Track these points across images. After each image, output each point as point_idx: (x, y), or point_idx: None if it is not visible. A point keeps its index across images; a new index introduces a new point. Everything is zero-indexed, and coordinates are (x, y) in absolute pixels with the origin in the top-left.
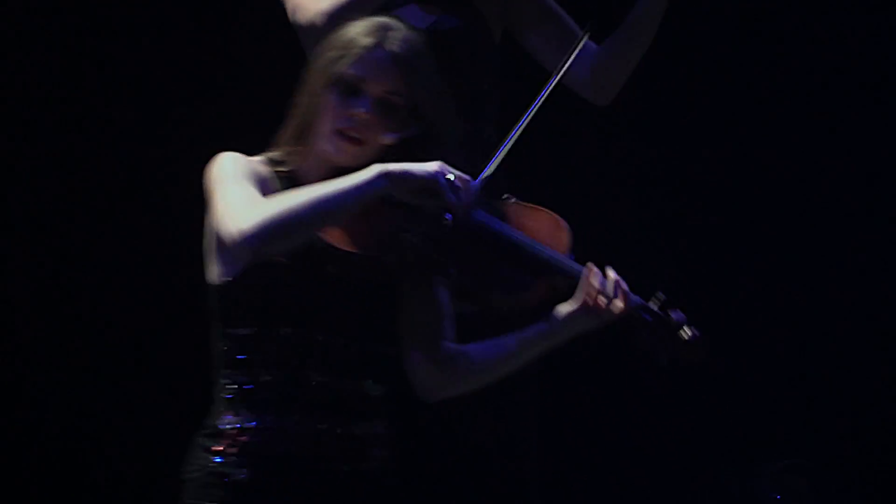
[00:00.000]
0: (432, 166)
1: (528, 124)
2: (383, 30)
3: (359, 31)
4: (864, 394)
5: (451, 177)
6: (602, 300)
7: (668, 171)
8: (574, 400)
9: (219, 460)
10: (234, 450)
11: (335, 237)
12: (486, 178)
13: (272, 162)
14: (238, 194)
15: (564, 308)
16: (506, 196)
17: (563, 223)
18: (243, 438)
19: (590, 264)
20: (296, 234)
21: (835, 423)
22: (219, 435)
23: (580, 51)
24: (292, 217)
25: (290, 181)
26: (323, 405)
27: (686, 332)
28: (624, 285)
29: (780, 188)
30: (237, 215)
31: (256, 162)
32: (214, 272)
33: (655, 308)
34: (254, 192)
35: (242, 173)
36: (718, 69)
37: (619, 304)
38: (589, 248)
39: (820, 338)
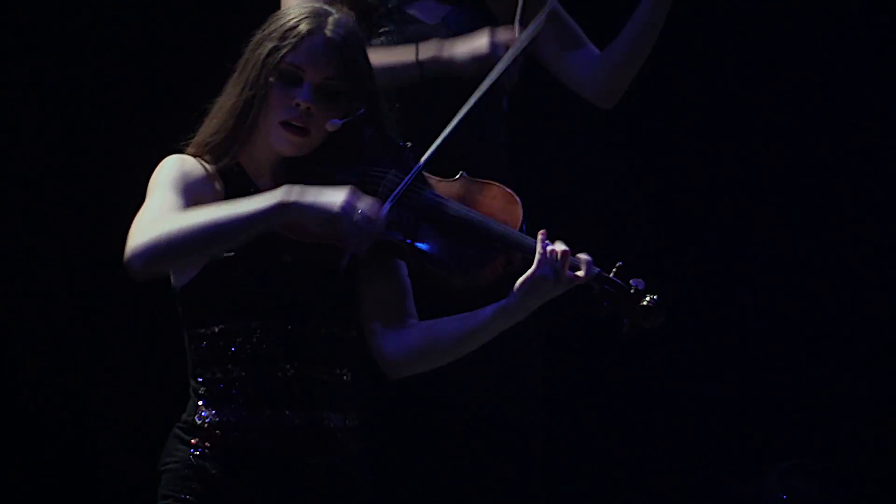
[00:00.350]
0: (339, 198)
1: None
2: (317, 16)
3: (293, 19)
4: (870, 393)
5: (359, 209)
6: (560, 271)
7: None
8: (579, 399)
9: (196, 453)
10: (210, 444)
11: (290, 228)
12: (395, 201)
13: (216, 157)
14: (152, 208)
15: (524, 280)
16: (460, 173)
17: (515, 196)
18: (219, 434)
19: (542, 233)
20: (183, 256)
21: (841, 423)
22: (196, 429)
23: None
24: (181, 240)
25: (238, 177)
26: (297, 397)
27: (646, 299)
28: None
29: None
30: (136, 232)
31: (198, 162)
32: (174, 277)
33: (614, 277)
34: (169, 205)
35: (175, 180)
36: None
37: (577, 273)
38: (565, 226)
39: (827, 337)
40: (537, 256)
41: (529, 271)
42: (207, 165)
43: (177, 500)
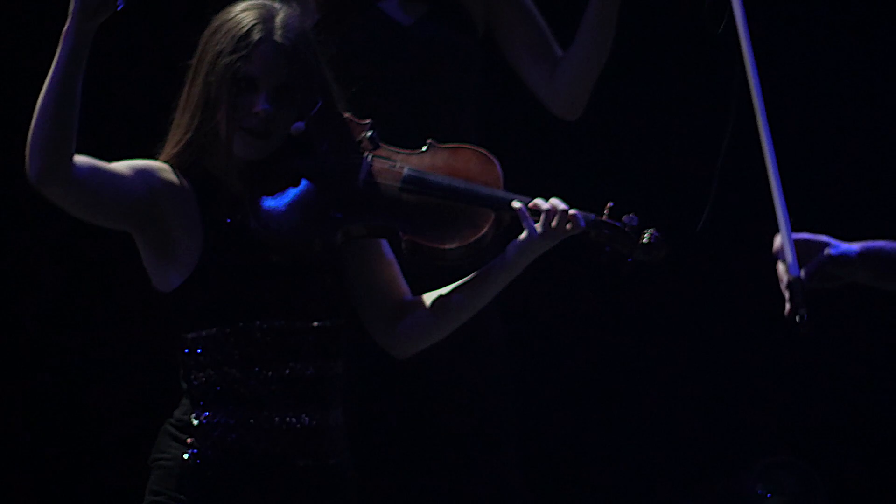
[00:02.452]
0: None
1: None
2: (265, 21)
3: (244, 27)
4: (851, 389)
5: None
6: (551, 223)
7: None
8: (559, 397)
9: (193, 453)
10: (206, 445)
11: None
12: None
13: (184, 165)
14: None
15: (517, 240)
16: (428, 143)
17: (491, 156)
18: (216, 435)
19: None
20: (52, 132)
21: (823, 419)
22: (191, 430)
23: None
24: (39, 125)
25: (206, 182)
26: (294, 397)
27: (645, 235)
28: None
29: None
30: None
31: (168, 166)
32: (161, 282)
33: (608, 219)
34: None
35: (135, 162)
36: None
37: (569, 225)
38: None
39: (809, 334)
40: (526, 214)
41: (523, 234)
42: (166, 174)
43: (170, 497)
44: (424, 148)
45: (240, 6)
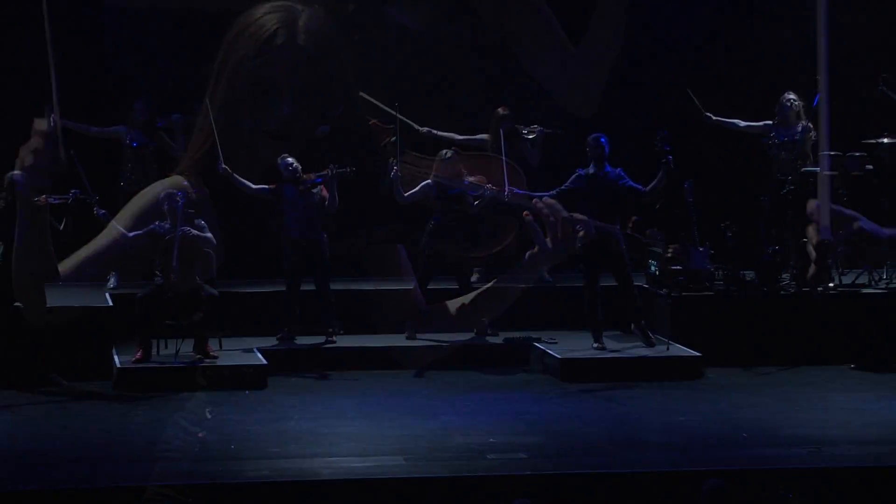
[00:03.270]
0: None
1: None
2: (288, 25)
3: (267, 30)
4: (866, 392)
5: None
6: (564, 240)
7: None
8: (563, 394)
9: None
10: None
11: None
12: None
13: (201, 165)
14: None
15: (533, 252)
16: (452, 150)
17: (513, 164)
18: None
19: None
20: None
21: (840, 423)
22: (205, 422)
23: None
24: None
25: (227, 181)
26: None
27: (669, 250)
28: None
29: None
30: None
31: (181, 181)
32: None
33: (630, 232)
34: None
35: (136, 208)
36: None
37: (582, 234)
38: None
39: (817, 336)
40: (536, 228)
41: (536, 247)
42: (192, 180)
43: (176, 489)
44: (448, 155)
45: (262, 9)
